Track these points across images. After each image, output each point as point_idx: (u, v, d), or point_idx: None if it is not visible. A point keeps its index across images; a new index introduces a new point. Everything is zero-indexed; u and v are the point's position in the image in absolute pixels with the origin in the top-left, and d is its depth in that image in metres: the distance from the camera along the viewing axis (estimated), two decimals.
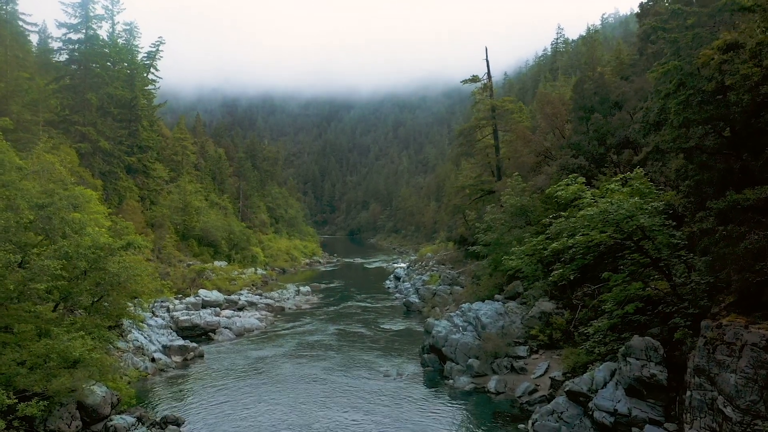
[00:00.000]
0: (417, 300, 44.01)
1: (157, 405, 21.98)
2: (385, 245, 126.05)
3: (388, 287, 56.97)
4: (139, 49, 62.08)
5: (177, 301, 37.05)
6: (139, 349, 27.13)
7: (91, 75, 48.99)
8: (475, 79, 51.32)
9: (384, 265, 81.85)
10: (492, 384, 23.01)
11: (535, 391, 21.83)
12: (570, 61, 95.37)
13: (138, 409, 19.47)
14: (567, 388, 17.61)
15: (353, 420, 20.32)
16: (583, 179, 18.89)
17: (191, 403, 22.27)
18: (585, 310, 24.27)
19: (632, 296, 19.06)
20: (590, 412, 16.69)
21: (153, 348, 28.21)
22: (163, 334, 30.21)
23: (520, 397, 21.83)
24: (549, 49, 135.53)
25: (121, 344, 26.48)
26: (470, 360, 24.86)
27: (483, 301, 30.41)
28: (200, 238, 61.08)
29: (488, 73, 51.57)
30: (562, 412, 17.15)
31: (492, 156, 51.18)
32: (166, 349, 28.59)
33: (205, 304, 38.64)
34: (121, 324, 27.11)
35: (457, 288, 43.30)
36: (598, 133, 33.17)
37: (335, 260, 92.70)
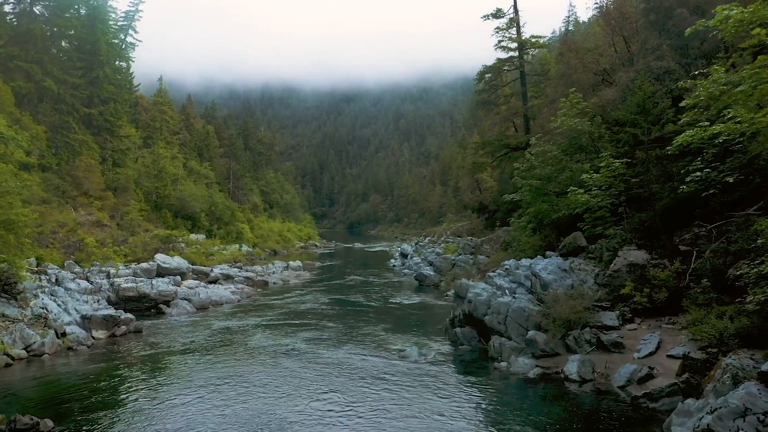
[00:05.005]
0: (431, 273, 35.54)
1: (31, 400, 13.53)
2: (387, 235, 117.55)
3: (394, 265, 48.38)
4: (116, 11, 54.26)
5: (122, 266, 28.49)
6: (41, 319, 18.64)
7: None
8: (498, 13, 42.75)
9: (387, 249, 73.28)
10: (572, 367, 14.55)
11: (650, 377, 13.35)
12: (583, 40, 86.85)
13: None
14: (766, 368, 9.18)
15: (358, 414, 11.88)
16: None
17: (91, 396, 13.81)
18: (708, 255, 15.86)
19: None
20: None
21: (67, 319, 19.71)
22: (87, 302, 21.72)
23: (623, 387, 13.41)
24: (557, 32, 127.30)
25: (10, 311, 18.04)
26: (530, 333, 16.39)
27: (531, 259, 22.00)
28: (176, 210, 52.55)
29: (515, 5, 43.07)
30: (765, 412, 8.73)
31: (519, 105, 42.80)
32: (86, 321, 20.07)
33: (163, 272, 30.07)
34: (15, 282, 18.69)
35: (482, 258, 34.82)
36: (680, 39, 24.69)
37: (333, 245, 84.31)
